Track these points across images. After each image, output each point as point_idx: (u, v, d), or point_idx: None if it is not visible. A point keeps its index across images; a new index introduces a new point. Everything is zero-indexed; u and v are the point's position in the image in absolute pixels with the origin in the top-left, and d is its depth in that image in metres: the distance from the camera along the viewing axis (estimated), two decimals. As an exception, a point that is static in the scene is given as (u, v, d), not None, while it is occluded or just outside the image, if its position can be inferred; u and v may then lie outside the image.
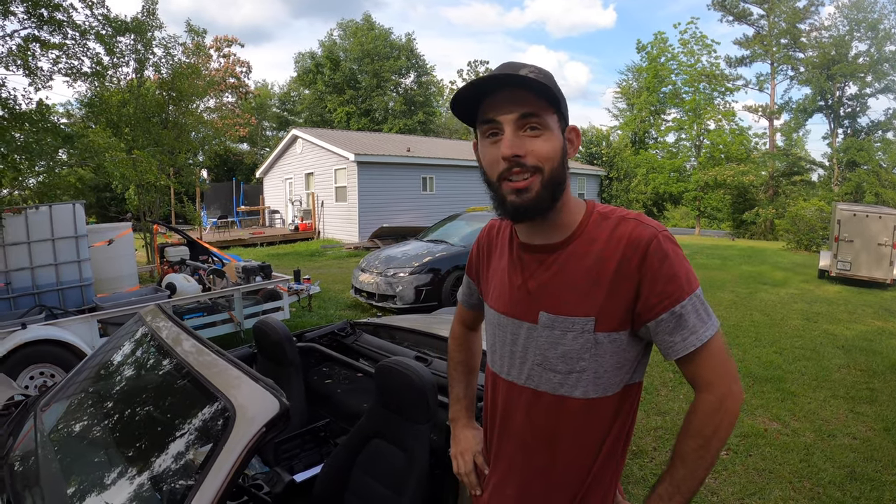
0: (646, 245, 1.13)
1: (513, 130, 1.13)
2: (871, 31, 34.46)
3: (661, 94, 34.65)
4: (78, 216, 6.38)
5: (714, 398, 1.15)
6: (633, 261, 1.13)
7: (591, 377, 1.18)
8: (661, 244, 1.14)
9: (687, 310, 1.13)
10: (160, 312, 2.43)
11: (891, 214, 13.18)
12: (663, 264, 1.13)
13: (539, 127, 1.14)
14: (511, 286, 1.29)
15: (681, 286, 1.13)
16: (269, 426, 1.46)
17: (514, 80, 1.12)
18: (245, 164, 39.54)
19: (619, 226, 1.18)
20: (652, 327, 1.15)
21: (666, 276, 1.13)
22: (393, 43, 43.80)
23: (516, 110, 1.13)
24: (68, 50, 9.61)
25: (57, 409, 2.32)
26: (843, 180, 35.31)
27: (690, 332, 1.13)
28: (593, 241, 1.19)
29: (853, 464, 4.11)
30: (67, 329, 5.04)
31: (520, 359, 1.27)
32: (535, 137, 1.14)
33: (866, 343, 7.52)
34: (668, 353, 1.16)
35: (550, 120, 1.15)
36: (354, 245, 17.43)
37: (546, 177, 1.14)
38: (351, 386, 3.10)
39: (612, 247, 1.16)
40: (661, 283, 1.12)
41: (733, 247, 22.36)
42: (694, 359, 1.15)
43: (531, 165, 1.13)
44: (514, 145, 1.13)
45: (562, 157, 1.18)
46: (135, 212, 12.75)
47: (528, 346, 1.24)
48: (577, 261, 1.19)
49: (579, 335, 1.16)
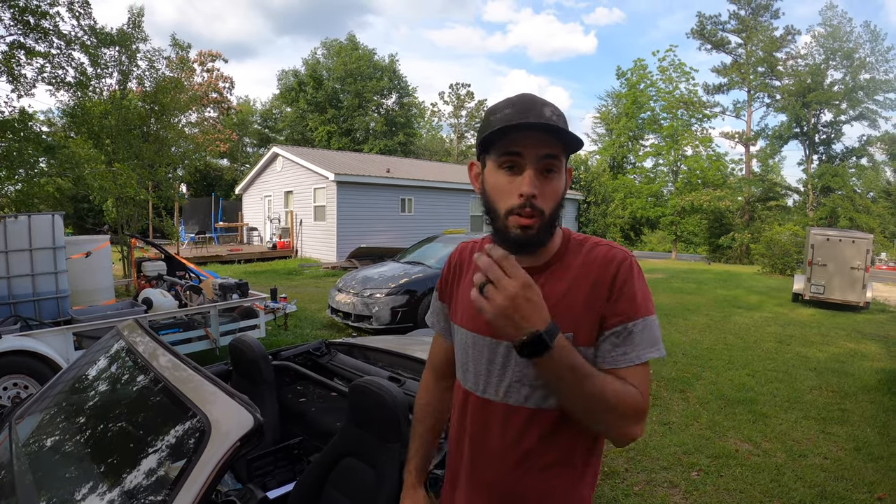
0: (618, 264, 1.22)
1: (535, 169, 1.17)
2: (847, 59, 35.38)
3: (639, 119, 35.15)
4: (56, 227, 6.31)
5: (642, 403, 1.17)
6: (606, 278, 1.21)
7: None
8: (631, 266, 1.22)
9: (638, 328, 1.19)
10: (137, 327, 2.43)
11: (864, 239, 13.45)
12: (627, 283, 1.20)
13: (555, 170, 1.19)
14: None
15: (637, 305, 1.20)
16: (244, 441, 1.47)
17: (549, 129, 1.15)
18: (225, 179, 39.35)
19: (594, 249, 1.27)
20: (602, 338, 1.20)
21: (628, 294, 1.20)
22: (376, 63, 44.10)
23: (542, 150, 1.17)
24: (53, 59, 9.59)
25: (32, 421, 2.31)
26: (818, 205, 36.02)
27: (633, 348, 1.18)
28: (573, 264, 1.26)
29: (824, 483, 4.17)
30: (43, 341, 4.98)
31: (497, 376, 1.28)
32: (549, 179, 1.19)
33: (838, 365, 7.65)
34: (604, 361, 1.20)
35: (562, 163, 1.21)
36: (332, 265, 17.40)
37: (547, 218, 1.19)
38: (325, 405, 3.11)
39: (588, 267, 1.24)
40: (623, 300, 1.19)
41: (709, 271, 22.62)
42: (627, 373, 1.18)
43: (539, 207, 1.17)
44: (535, 185, 1.16)
45: (563, 196, 1.24)
46: (112, 224, 12.64)
47: (507, 363, 1.26)
48: (556, 281, 1.25)
49: None
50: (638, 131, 36.14)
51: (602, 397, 1.12)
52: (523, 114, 1.16)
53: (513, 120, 1.15)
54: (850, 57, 35.15)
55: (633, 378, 1.18)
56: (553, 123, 1.15)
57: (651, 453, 4.59)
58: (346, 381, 3.06)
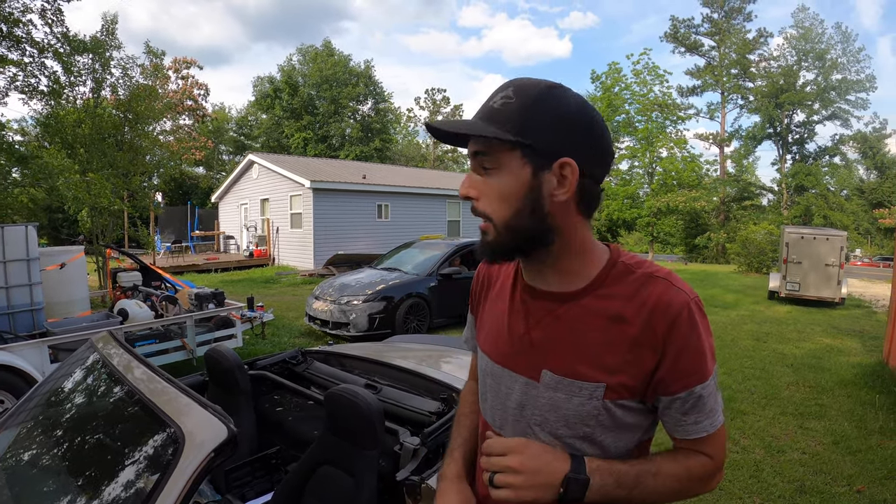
0: (676, 313, 0.99)
1: (473, 167, 1.05)
2: (819, 60, 36.03)
3: (614, 122, 35.38)
4: (30, 239, 6.22)
5: (714, 465, 1.07)
6: (660, 329, 0.98)
7: (594, 442, 1.05)
8: (693, 315, 1.00)
9: (707, 391, 1.02)
10: (112, 339, 2.41)
11: (838, 236, 13.69)
12: (691, 338, 0.99)
13: (490, 166, 1.01)
14: (511, 333, 1.14)
15: (705, 365, 1.01)
16: (218, 452, 1.46)
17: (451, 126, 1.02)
18: (200, 188, 39.11)
19: (647, 285, 1.02)
20: (666, 402, 1.02)
21: (694, 352, 1.00)
22: (352, 70, 44.13)
23: (471, 148, 1.03)
24: (26, 67, 9.47)
25: (7, 436, 2.28)
26: (793, 204, 36.62)
27: (706, 415, 1.03)
28: (614, 296, 1.04)
29: (803, 477, 4.23)
30: (18, 354, 4.91)
31: (513, 416, 1.12)
32: (488, 178, 1.02)
33: (815, 360, 7.77)
34: (675, 430, 1.05)
35: (507, 157, 0.99)
36: (309, 272, 17.32)
37: (500, 224, 1.02)
38: (302, 413, 3.09)
39: (636, 308, 1.01)
40: (686, 359, 0.99)
41: (686, 271, 22.90)
42: (702, 440, 1.05)
43: (480, 210, 1.03)
44: (465, 184, 1.05)
45: (530, 200, 1.00)
46: (87, 235, 12.47)
47: (524, 403, 1.10)
48: (592, 317, 1.04)
49: (587, 401, 1.02)
50: (613, 134, 36.36)
51: (666, 488, 1.03)
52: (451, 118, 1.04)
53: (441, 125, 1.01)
54: (821, 58, 35.83)
55: (710, 446, 1.06)
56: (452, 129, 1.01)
57: (631, 453, 4.61)
58: (323, 389, 3.05)
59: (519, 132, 0.97)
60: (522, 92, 0.99)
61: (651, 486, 1.01)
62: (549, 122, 0.98)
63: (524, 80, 1.02)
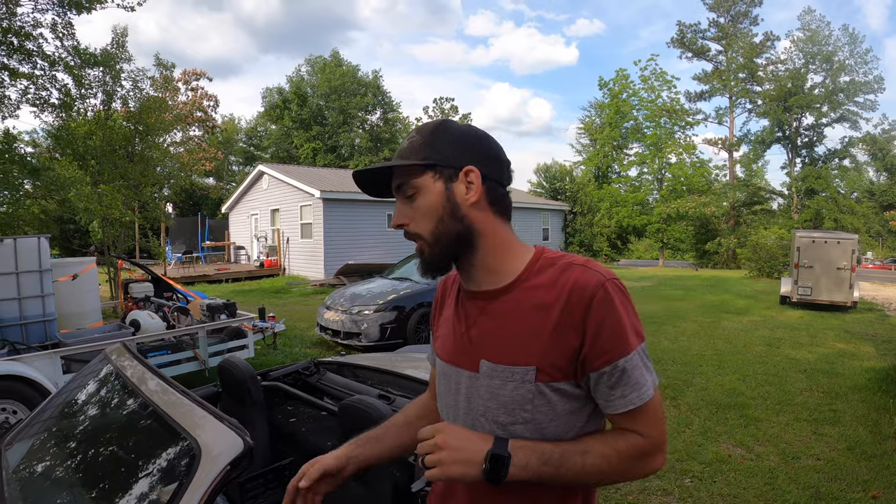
0: (592, 293, 1.06)
1: (399, 202, 1.22)
2: (826, 63, 35.84)
3: (623, 129, 35.38)
4: (43, 250, 6.27)
5: (647, 444, 1.10)
6: (578, 309, 1.06)
7: (534, 428, 1.12)
8: (609, 293, 1.07)
9: (631, 364, 1.07)
10: (125, 351, 2.42)
11: (849, 239, 13.59)
12: (609, 314, 1.06)
13: (412, 191, 1.19)
14: (455, 334, 1.26)
15: (626, 339, 1.07)
16: (234, 464, 1.46)
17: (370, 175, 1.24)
18: (211, 198, 39.26)
19: (565, 272, 1.12)
20: (594, 378, 1.08)
21: (611, 327, 1.06)
22: (360, 80, 44.25)
23: (394, 183, 1.22)
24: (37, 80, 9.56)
25: (22, 447, 2.29)
26: (803, 208, 36.36)
27: (632, 388, 1.07)
28: (537, 287, 1.14)
29: (818, 484, 4.19)
30: (30, 365, 4.93)
31: (464, 409, 1.21)
32: (413, 202, 1.19)
33: (828, 365, 7.71)
34: (606, 407, 1.10)
35: (421, 180, 1.17)
36: (320, 282, 17.35)
37: (430, 238, 1.19)
38: (315, 424, 3.09)
39: (556, 294, 1.10)
40: (609, 334, 1.06)
41: (696, 277, 22.76)
42: (633, 415, 1.09)
43: (413, 232, 1.20)
44: (396, 216, 1.23)
45: (448, 208, 1.16)
46: (99, 246, 12.56)
47: (470, 395, 1.19)
48: (519, 308, 1.14)
49: (520, 385, 1.10)
50: (622, 140, 36.37)
51: (596, 468, 1.08)
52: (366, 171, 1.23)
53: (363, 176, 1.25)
54: (829, 60, 35.62)
55: (641, 423, 1.10)
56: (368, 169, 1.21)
57: (645, 461, 4.59)
58: (336, 400, 3.05)
59: (426, 156, 1.16)
60: (422, 129, 1.21)
61: (580, 465, 1.07)
62: (448, 143, 1.18)
63: (423, 123, 1.27)
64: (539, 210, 27.74)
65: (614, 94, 35.00)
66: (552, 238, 28.01)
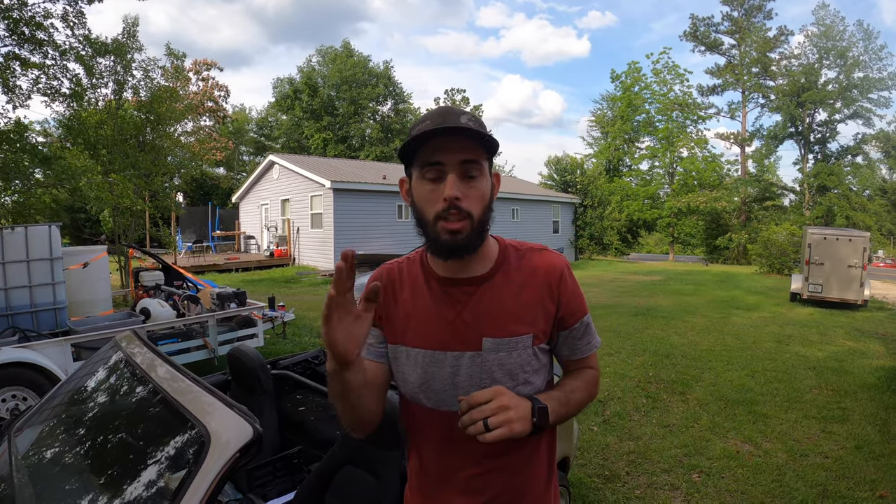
0: (560, 271, 1.34)
1: (456, 174, 1.22)
2: (840, 58, 35.49)
3: (634, 122, 35.26)
4: (54, 238, 6.32)
5: (597, 373, 1.47)
6: (553, 283, 1.33)
7: (530, 387, 1.32)
8: (569, 270, 1.38)
9: (588, 319, 1.40)
10: (135, 338, 2.43)
11: (860, 237, 13.47)
12: (573, 284, 1.37)
13: (476, 174, 1.23)
14: (442, 321, 1.33)
15: (584, 303, 1.40)
16: (243, 451, 1.47)
17: (464, 132, 1.19)
18: (221, 188, 39.33)
19: (534, 256, 1.37)
20: (565, 334, 1.37)
21: (575, 295, 1.36)
22: (371, 70, 44.15)
23: (461, 156, 1.21)
24: (48, 70, 9.58)
25: (31, 433, 2.31)
26: (814, 204, 36.11)
27: (592, 336, 1.42)
28: (516, 269, 1.34)
29: (825, 482, 4.17)
30: (41, 352, 4.97)
31: (463, 389, 1.30)
32: (472, 182, 1.23)
33: (837, 363, 7.66)
34: (573, 353, 1.41)
35: (485, 165, 1.26)
36: (329, 272, 17.28)
37: (476, 221, 1.24)
38: (324, 413, 3.10)
39: (533, 272, 1.34)
40: (575, 299, 1.36)
41: (707, 272, 22.66)
42: (592, 356, 1.44)
43: (466, 210, 1.21)
44: (457, 188, 1.20)
45: (490, 198, 1.29)
46: (109, 234, 12.63)
47: (472, 372, 1.30)
48: (506, 289, 1.32)
49: (522, 351, 1.30)
50: (633, 134, 36.25)
51: (579, 400, 1.37)
52: (440, 123, 1.19)
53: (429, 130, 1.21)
54: (843, 56, 35.29)
55: (593, 359, 1.45)
56: (469, 127, 1.19)
57: (652, 456, 4.59)
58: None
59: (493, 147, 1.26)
60: (475, 117, 1.25)
61: (575, 400, 1.35)
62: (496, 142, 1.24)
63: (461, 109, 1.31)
64: (550, 203, 27.65)
65: (626, 87, 34.88)
66: (562, 231, 27.88)
